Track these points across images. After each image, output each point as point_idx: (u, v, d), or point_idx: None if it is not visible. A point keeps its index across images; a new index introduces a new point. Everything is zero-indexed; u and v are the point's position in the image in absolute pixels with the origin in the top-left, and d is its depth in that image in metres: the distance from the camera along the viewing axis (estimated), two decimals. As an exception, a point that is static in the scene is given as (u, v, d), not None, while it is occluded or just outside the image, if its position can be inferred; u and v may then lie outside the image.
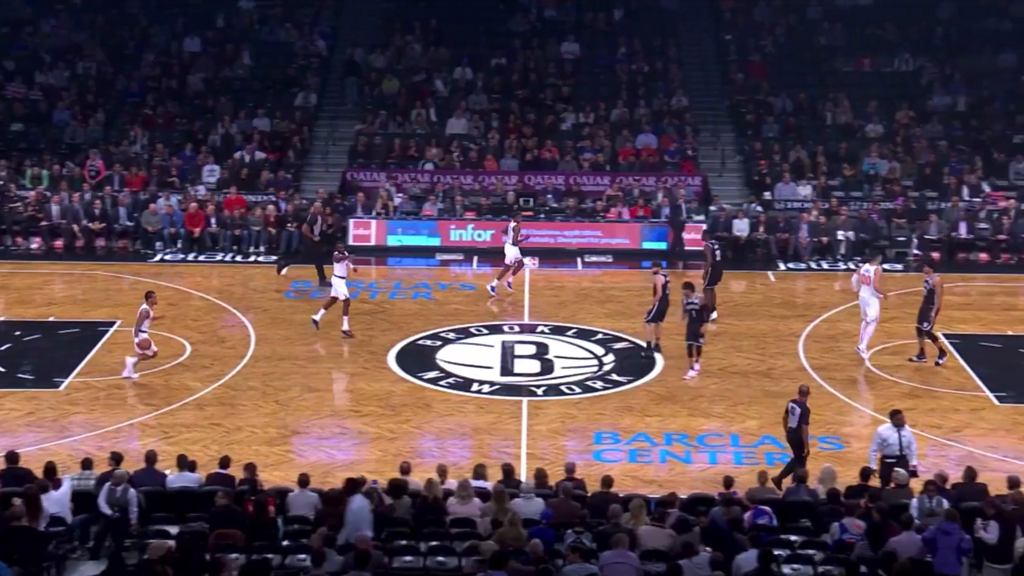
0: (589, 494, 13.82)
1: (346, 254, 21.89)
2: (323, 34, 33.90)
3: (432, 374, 19.83)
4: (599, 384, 19.40)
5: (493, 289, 23.66)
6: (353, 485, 13.18)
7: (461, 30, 33.61)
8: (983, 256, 26.43)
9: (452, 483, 13.87)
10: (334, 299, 21.40)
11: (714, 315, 21.72)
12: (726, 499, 13.14)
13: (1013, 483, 13.56)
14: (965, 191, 28.04)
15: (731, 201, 28.60)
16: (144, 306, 19.25)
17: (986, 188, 28.20)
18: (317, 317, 21.47)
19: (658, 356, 20.32)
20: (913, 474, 14.35)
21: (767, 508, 12.97)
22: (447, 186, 29.06)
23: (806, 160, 29.38)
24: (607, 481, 13.84)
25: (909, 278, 24.71)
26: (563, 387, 19.33)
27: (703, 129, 31.08)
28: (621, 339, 21.38)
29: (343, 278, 21.41)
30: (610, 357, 20.57)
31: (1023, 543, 11.93)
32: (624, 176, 29.30)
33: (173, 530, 12.85)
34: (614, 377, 19.67)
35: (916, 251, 26.57)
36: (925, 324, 19.87)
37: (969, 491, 13.40)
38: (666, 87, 31.93)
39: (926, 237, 26.77)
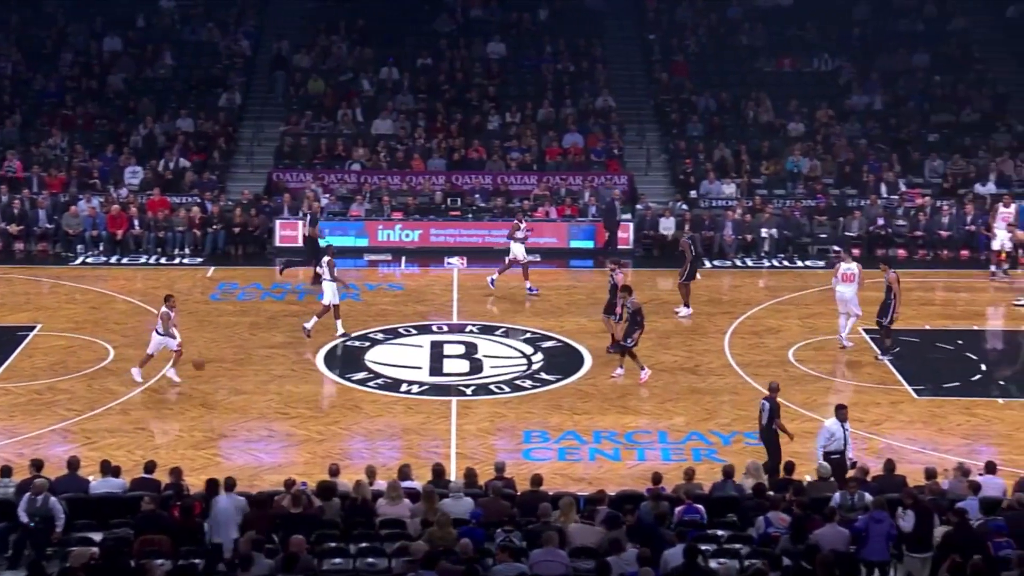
0: (519, 493, 13.85)
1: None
2: (247, 34, 33.56)
3: (361, 375, 19.73)
4: (528, 383, 19.44)
5: (500, 281, 23.76)
6: (215, 485, 13.06)
7: (387, 30, 33.48)
8: (901, 252, 26.96)
9: (382, 484, 13.82)
10: (326, 308, 21.05)
11: (689, 310, 22.29)
12: (655, 495, 13.24)
13: (930, 474, 13.88)
14: (883, 189, 28.60)
15: (657, 200, 28.86)
16: (164, 308, 18.98)
17: (903, 186, 28.78)
18: (309, 325, 21.05)
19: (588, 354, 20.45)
20: (853, 465, 14.58)
21: (699, 506, 13.08)
22: (374, 186, 28.94)
23: (730, 159, 29.75)
24: (536, 480, 13.89)
25: (832, 274, 25.07)
26: (492, 386, 19.34)
27: (629, 128, 31.32)
28: (550, 338, 21.46)
29: (333, 282, 21.09)
30: (539, 356, 20.63)
31: (941, 532, 12.19)
32: (551, 175, 29.42)
33: (96, 537, 12.63)
34: (543, 376, 19.73)
35: (836, 248, 27.01)
36: (884, 319, 20.21)
37: (888, 483, 13.66)
38: (592, 87, 32.12)
39: (847, 234, 27.23)
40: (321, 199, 28.13)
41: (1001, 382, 19.67)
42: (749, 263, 26.51)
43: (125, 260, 26.59)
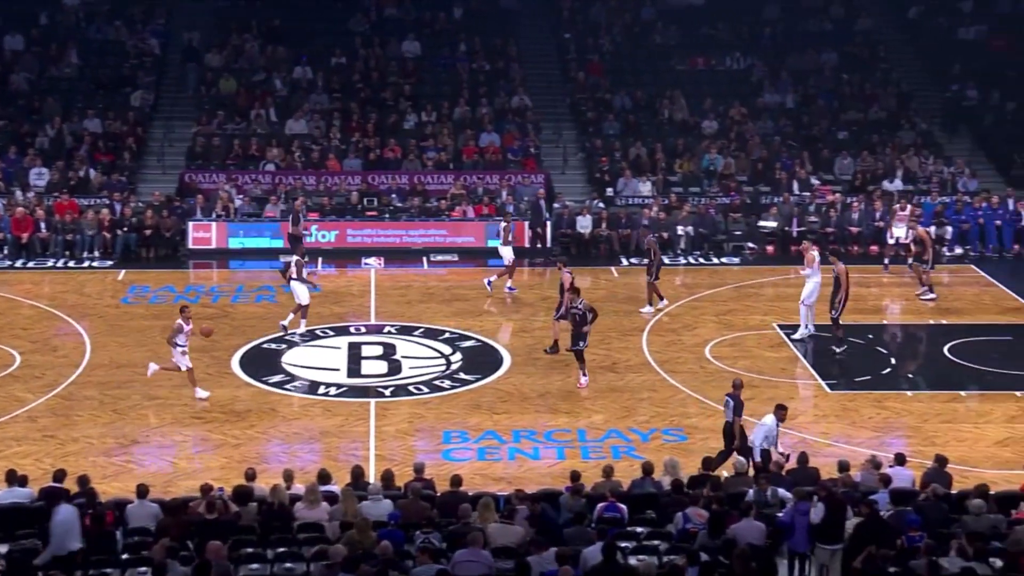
0: (438, 494, 13.80)
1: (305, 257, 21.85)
2: (155, 32, 32.96)
3: (277, 378, 19.51)
4: (447, 383, 19.39)
5: (511, 288, 23.77)
6: (55, 494, 12.84)
7: (299, 29, 33.14)
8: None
9: (300, 488, 13.67)
10: (302, 306, 21.17)
11: (653, 308, 22.42)
12: (575, 490, 13.29)
13: (843, 467, 14.14)
14: (796, 186, 29.08)
15: (574, 198, 28.99)
16: (179, 320, 18.46)
17: (814, 183, 29.30)
18: (286, 323, 21.20)
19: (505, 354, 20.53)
20: (787, 459, 14.81)
21: (621, 505, 13.16)
22: (289, 187, 28.63)
23: (646, 157, 30.01)
24: (456, 480, 13.86)
25: (747, 271, 25.50)
26: (411, 387, 19.26)
27: (545, 127, 31.41)
28: (469, 337, 21.44)
29: (304, 282, 21.30)
30: (458, 356, 20.60)
31: (854, 524, 12.42)
32: (468, 175, 29.38)
33: (3, 548, 12.29)
34: (462, 376, 19.70)
35: (751, 245, 27.41)
36: (833, 312, 20.61)
37: (803, 476, 13.88)
38: (508, 86, 32.16)
39: (762, 230, 27.63)
40: (235, 200, 27.77)
41: (910, 375, 20.12)
42: (666, 260, 26.69)
43: (31, 264, 25.95)
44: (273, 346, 20.93)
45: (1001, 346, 21.00)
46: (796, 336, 21.02)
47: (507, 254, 24.16)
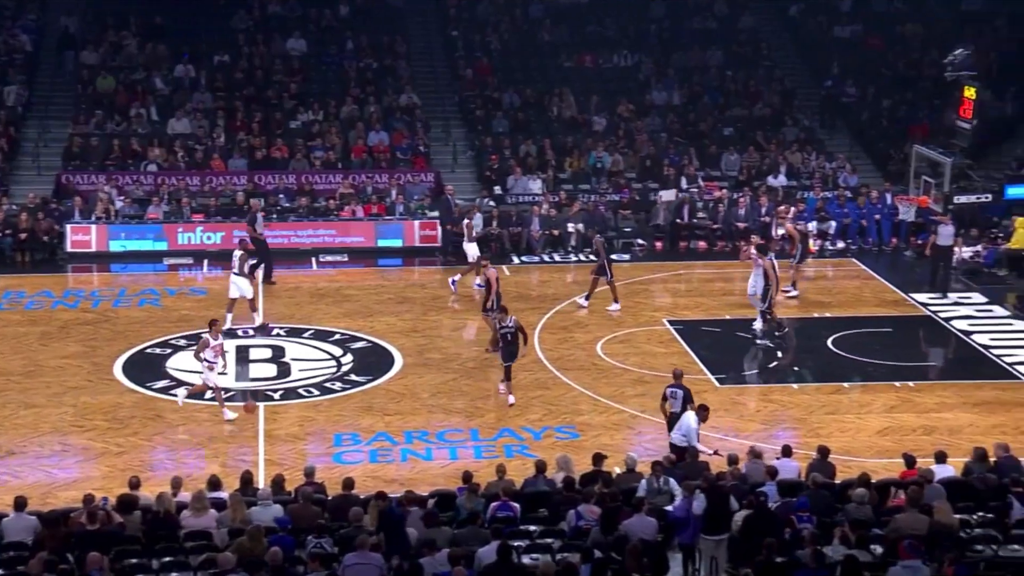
0: (329, 497, 13.69)
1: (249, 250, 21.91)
2: (26, 28, 31.98)
3: (162, 383, 19.12)
4: (338, 385, 19.24)
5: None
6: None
7: (180, 26, 32.49)
8: (701, 244, 27.90)
9: (188, 496, 13.42)
10: (251, 299, 21.41)
11: (617, 306, 22.54)
12: (471, 490, 13.30)
13: (732, 460, 14.41)
14: (683, 182, 29.52)
15: (464, 196, 28.99)
16: (205, 334, 17.79)
17: (701, 179, 29.79)
18: (258, 320, 21.31)
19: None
20: (716, 453, 15.18)
21: (514, 504, 13.21)
22: (172, 188, 28.07)
23: (535, 154, 30.17)
24: (348, 483, 13.76)
25: (636, 268, 25.81)
26: (301, 390, 19.06)
27: (434, 125, 31.36)
28: (359, 339, 21.30)
29: (243, 276, 21.38)
30: (348, 357, 20.46)
31: (742, 516, 12.69)
32: (357, 174, 29.16)
33: None
34: (353, 377, 19.56)
35: (640, 241, 27.76)
36: (763, 304, 21.17)
37: (693, 469, 14.11)
38: (396, 84, 32.02)
39: (652, 227, 27.99)
40: (116, 201, 27.12)
41: (795, 368, 20.61)
42: (556, 258, 26.95)
43: (-102, 270, 25.00)
44: (158, 351, 20.51)
45: (881, 338, 21.63)
46: (754, 327, 21.53)
47: (471, 251, 24.20)
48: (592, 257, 25.65)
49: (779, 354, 20.92)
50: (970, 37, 30.27)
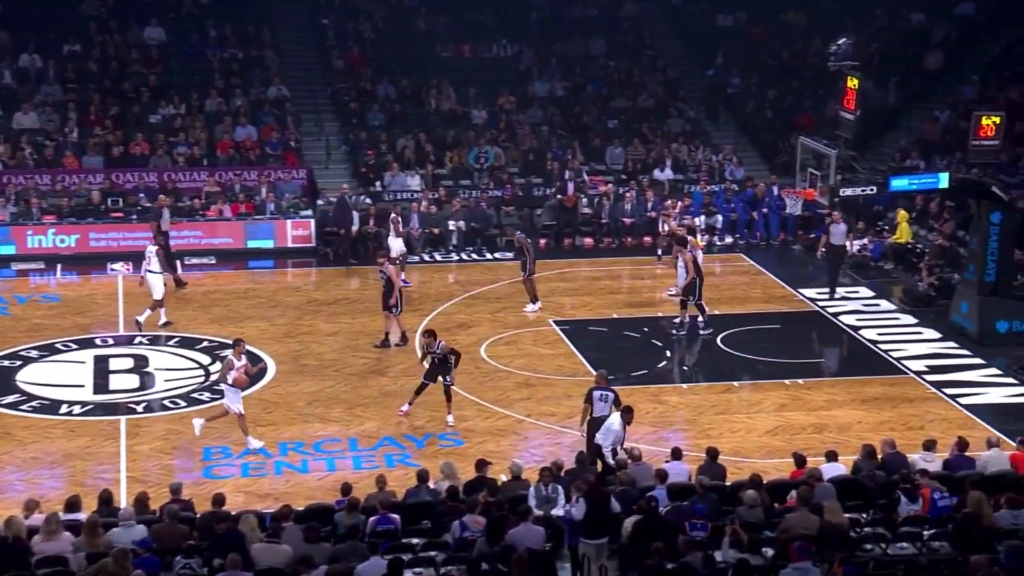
0: (198, 515, 13.46)
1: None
2: None
3: (11, 398, 18.57)
4: (207, 396, 18.94)
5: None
6: None
7: (25, 14, 31.47)
8: (588, 241, 28.20)
9: (41, 518, 13.03)
10: (159, 301, 21.56)
11: (539, 304, 22.74)
12: (350, 506, 13.21)
13: (620, 464, 14.60)
14: (567, 176, 29.71)
15: (339, 194, 28.75)
16: (229, 355, 17.12)
17: (585, 174, 30.08)
18: (141, 319, 21.29)
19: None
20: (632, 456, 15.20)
21: (393, 515, 13.17)
22: (20, 187, 27.23)
23: (413, 149, 30.10)
24: (218, 499, 13.55)
25: (506, 266, 25.92)
26: (166, 402, 18.73)
27: (305, 119, 31.08)
28: (229, 346, 20.96)
29: (160, 273, 21.53)
30: (217, 366, 20.13)
31: (631, 521, 12.86)
32: (223, 171, 28.70)
33: None
34: (223, 387, 19.25)
35: (520, 233, 27.83)
36: (691, 297, 21.63)
37: (581, 475, 14.22)
38: (263, 75, 31.63)
39: (539, 223, 28.15)
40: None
41: (685, 367, 20.98)
42: (438, 257, 26.94)
43: None
44: (6, 363, 19.90)
45: (770, 335, 22.17)
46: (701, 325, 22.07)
47: (396, 246, 24.24)
48: (510, 255, 26.02)
49: (668, 353, 21.27)
50: (852, 26, 31.23)
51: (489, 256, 27.15)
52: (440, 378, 18.10)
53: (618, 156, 30.82)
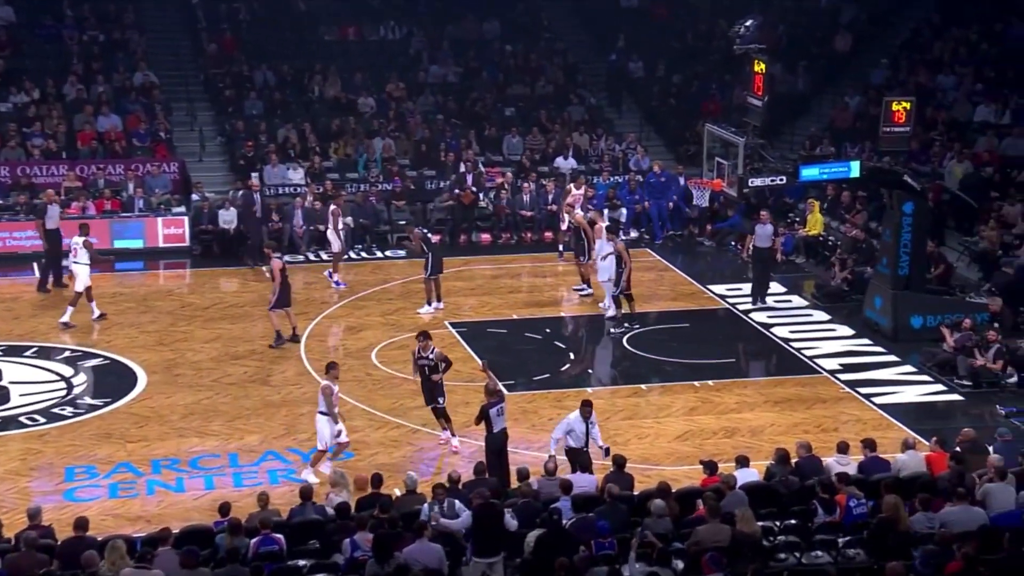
0: (59, 542, 13.15)
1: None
2: None
3: None
4: (69, 410, 18.55)
5: (338, 282, 24.37)
6: None
7: None
8: (485, 237, 28.20)
9: None
10: (79, 294, 21.59)
11: (440, 304, 22.88)
12: (232, 529, 13.01)
13: (522, 475, 14.62)
14: (463, 168, 29.68)
15: (215, 189, 28.44)
16: (325, 381, 16.45)
17: (482, 165, 30.10)
18: (65, 319, 21.46)
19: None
20: (608, 454, 15.63)
21: (277, 535, 13.01)
22: None
23: (295, 140, 29.81)
24: (81, 524, 13.24)
25: (413, 264, 25.83)
26: (23, 418, 18.30)
27: (176, 108, 30.65)
28: (94, 355, 20.56)
29: (87, 264, 21.67)
30: (82, 377, 19.73)
31: (534, 535, 12.88)
32: (85, 164, 28.12)
33: None
34: (88, 400, 18.93)
35: (419, 229, 27.74)
36: (616, 289, 21.85)
37: (479, 487, 14.19)
38: (128, 60, 31.07)
39: (432, 218, 28.06)
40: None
41: (589, 370, 21.10)
42: (324, 256, 26.69)
43: None
44: None
45: (679, 334, 22.42)
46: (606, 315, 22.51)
47: (334, 240, 24.66)
48: (402, 253, 26.22)
49: (571, 356, 21.36)
50: (758, 7, 31.72)
51: (379, 254, 26.98)
52: (432, 396, 17.41)
53: (516, 146, 30.91)
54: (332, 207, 25.24)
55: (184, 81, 31.56)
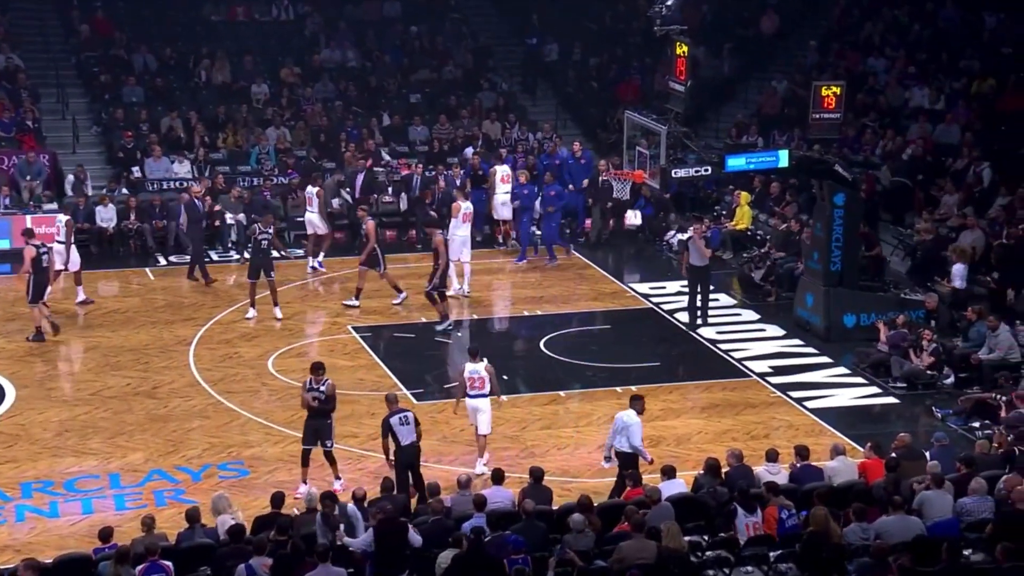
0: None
1: None
2: None
3: None
4: (-74, 431, 18.25)
5: (320, 265, 25.55)
6: None
7: None
8: (390, 234, 28.12)
9: None
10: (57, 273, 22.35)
11: (253, 312, 22.78)
12: (119, 558, 12.87)
13: (433, 489, 14.66)
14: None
15: (92, 184, 28.05)
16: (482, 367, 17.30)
17: (386, 155, 30.05)
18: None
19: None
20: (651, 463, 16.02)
21: (165, 562, 12.91)
22: None
23: (181, 130, 29.53)
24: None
25: (298, 265, 25.80)
26: None
27: (45, 94, 30.27)
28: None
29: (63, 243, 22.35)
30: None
31: (446, 556, 12.93)
32: (-60, 158, 27.71)
33: None
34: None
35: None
36: (428, 285, 22.12)
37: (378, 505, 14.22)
38: (-10, 40, 30.63)
39: (332, 211, 27.91)
40: None
41: (504, 376, 21.10)
42: (214, 256, 26.46)
43: None
44: None
45: (600, 336, 22.60)
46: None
47: (316, 223, 25.68)
48: (300, 252, 26.38)
49: (485, 361, 21.37)
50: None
51: (275, 254, 26.70)
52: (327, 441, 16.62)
53: (421, 134, 30.91)
54: (316, 189, 25.85)
55: (54, 65, 31.13)
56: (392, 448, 16.08)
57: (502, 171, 27.33)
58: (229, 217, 27.11)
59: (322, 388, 16.62)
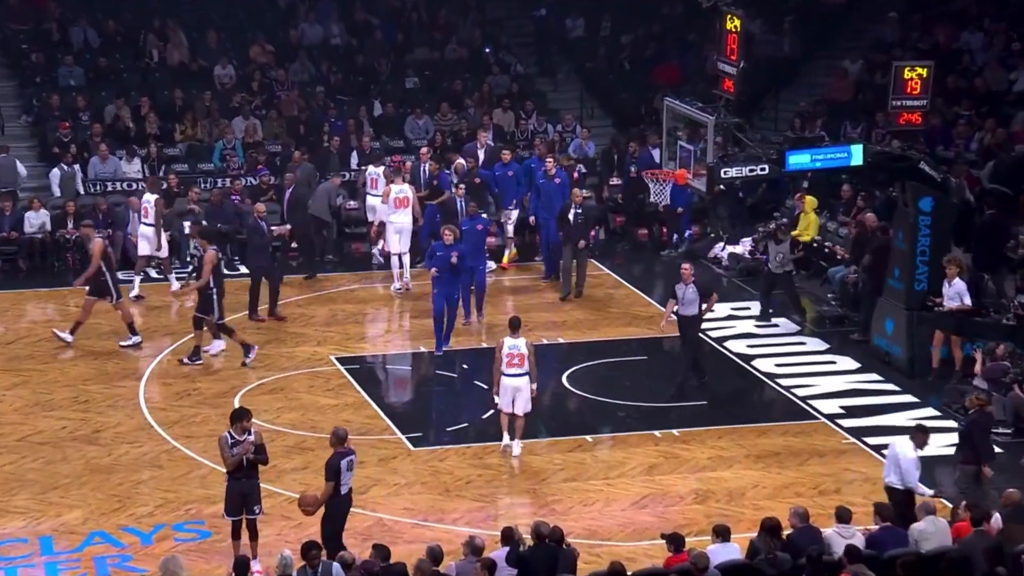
0: None
1: None
2: None
3: None
4: None
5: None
6: None
7: None
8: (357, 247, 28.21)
9: None
10: None
11: (136, 339, 22.96)
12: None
13: (435, 555, 14.58)
14: (354, 157, 29.62)
15: (23, 186, 28.14)
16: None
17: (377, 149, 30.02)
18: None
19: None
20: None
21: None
22: None
23: (130, 120, 29.58)
24: None
25: (287, 283, 25.77)
26: None
27: (-33, 77, 30.48)
28: None
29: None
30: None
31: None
32: None
33: None
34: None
35: (295, 244, 27.71)
36: (210, 315, 22.22)
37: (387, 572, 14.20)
38: None
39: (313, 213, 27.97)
40: None
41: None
42: (172, 277, 26.33)
43: None
44: None
45: (634, 369, 22.56)
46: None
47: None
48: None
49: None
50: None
51: (243, 269, 26.74)
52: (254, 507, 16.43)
53: (422, 127, 30.91)
54: (382, 169, 27.25)
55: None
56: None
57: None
58: (187, 226, 26.94)
59: (251, 437, 16.04)
